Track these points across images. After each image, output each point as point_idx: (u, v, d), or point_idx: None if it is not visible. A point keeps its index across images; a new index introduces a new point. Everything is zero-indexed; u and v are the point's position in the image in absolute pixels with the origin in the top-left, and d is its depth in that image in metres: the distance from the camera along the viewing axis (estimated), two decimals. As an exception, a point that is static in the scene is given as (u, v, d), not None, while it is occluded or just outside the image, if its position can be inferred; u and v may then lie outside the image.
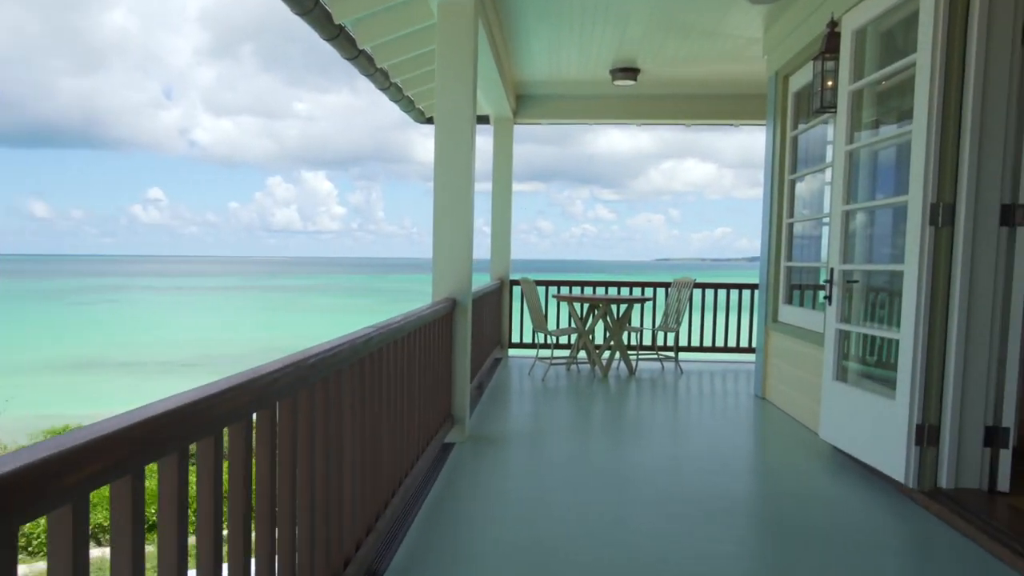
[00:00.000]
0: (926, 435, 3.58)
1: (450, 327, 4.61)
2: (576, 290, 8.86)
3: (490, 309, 7.60)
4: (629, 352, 7.88)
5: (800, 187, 5.83)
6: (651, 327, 8.19)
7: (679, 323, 7.84)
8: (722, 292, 8.81)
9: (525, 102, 8.58)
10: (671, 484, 3.87)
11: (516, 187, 9.06)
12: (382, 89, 6.82)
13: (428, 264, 4.64)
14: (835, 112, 4.44)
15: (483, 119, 8.66)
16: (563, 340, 8.32)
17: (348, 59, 5.57)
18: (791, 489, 3.92)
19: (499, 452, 4.47)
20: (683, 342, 8.71)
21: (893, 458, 3.71)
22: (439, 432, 4.27)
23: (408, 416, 3.48)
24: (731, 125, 8.85)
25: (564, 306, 8.33)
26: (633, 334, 8.16)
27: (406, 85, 7.16)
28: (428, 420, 4.00)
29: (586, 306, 7.65)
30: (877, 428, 3.89)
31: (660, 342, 8.49)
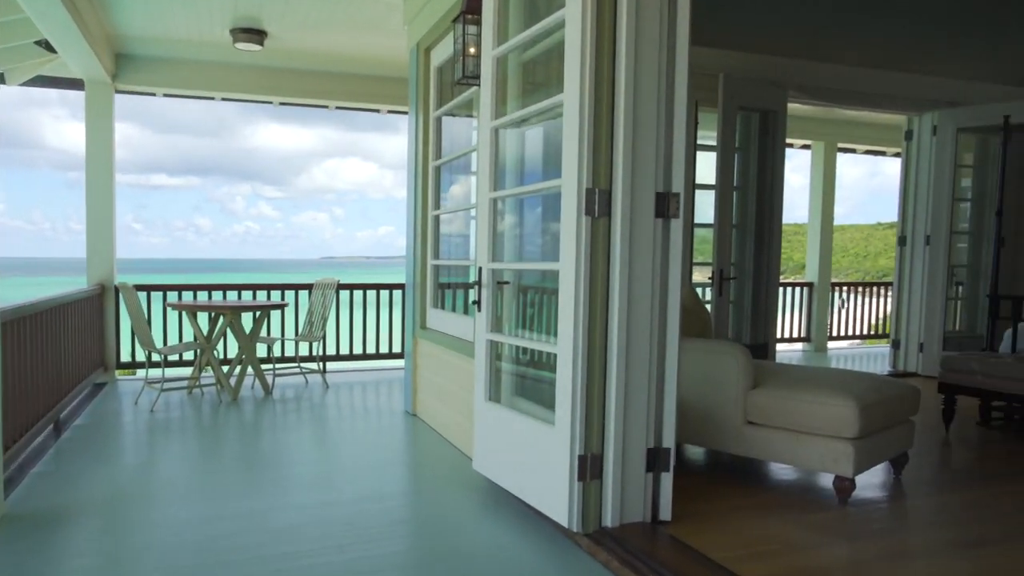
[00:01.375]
0: (589, 467, 2.99)
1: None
2: (223, 296, 7.35)
3: (80, 322, 5.83)
4: (265, 367, 6.65)
5: (447, 174, 5.14)
6: (295, 336, 7.05)
7: (324, 330, 6.81)
8: (372, 293, 7.96)
9: (127, 63, 6.84)
10: (290, 555, 2.82)
11: (169, 181, 7.33)
12: None
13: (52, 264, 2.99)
14: (479, 84, 3.74)
15: (75, 83, 6.77)
16: (188, 356, 6.81)
17: None
18: (437, 544, 3.10)
19: (54, 540, 3.01)
20: (331, 350, 7.69)
21: (555, 497, 3.08)
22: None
23: None
24: (376, 111, 8.02)
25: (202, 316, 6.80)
26: (271, 345, 6.94)
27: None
28: None
29: (214, 315, 6.25)
30: (536, 460, 3.23)
31: (305, 352, 7.37)
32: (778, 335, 9.43)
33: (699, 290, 7.20)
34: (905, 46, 6.84)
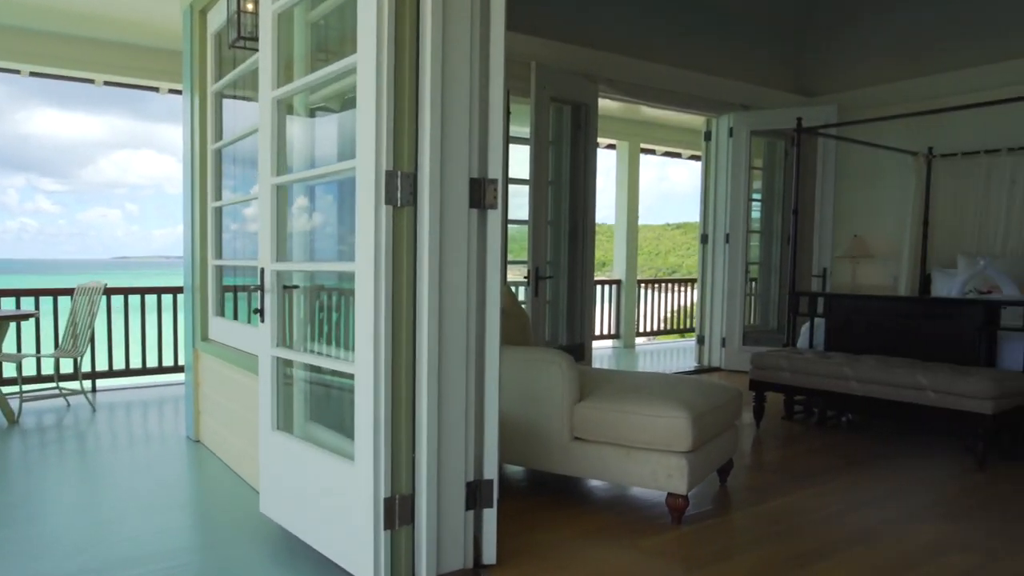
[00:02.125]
0: (397, 511, 2.41)
1: None
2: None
3: None
4: (9, 389, 5.43)
5: (229, 159, 4.33)
6: (53, 351, 5.84)
7: (89, 342, 5.68)
8: (152, 297, 6.85)
9: None
10: None
11: None
12: None
13: None
14: (258, 47, 3.03)
15: None
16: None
17: None
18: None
19: None
20: (103, 365, 6.50)
21: (357, 549, 2.47)
22: None
23: None
24: (155, 90, 6.91)
25: None
26: (19, 363, 5.70)
27: None
28: None
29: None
30: (333, 504, 2.61)
31: (67, 369, 6.14)
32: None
33: (513, 290, 6.83)
34: (706, 48, 6.88)
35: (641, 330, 10.41)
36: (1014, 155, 6.23)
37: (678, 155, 11.46)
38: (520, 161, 5.71)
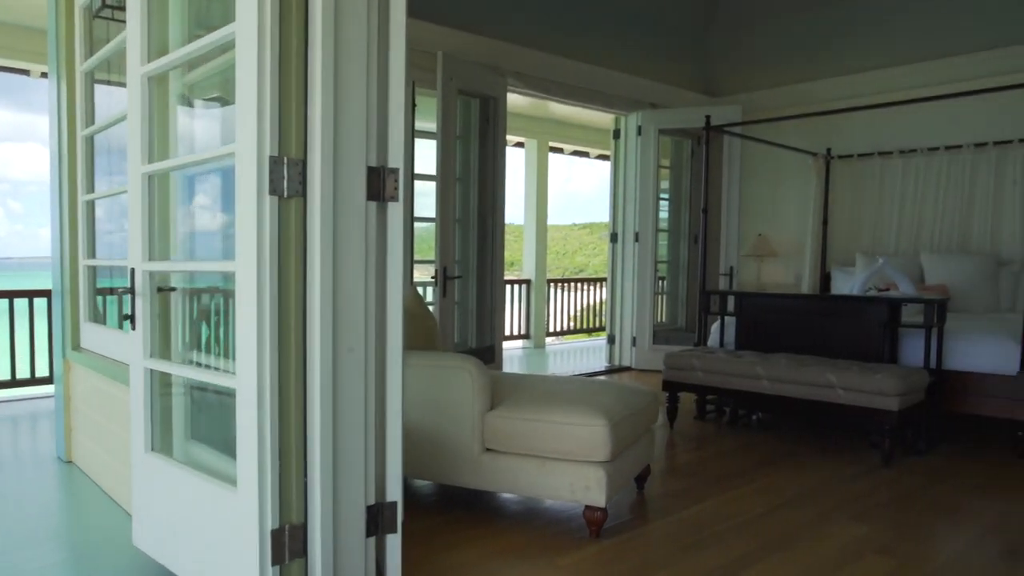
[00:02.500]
0: (288, 543, 2.11)
1: None
2: None
3: None
4: None
5: (105, 148, 3.87)
6: None
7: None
8: (21, 302, 6.19)
9: None
10: None
11: None
12: None
13: None
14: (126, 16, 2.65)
15: None
16: None
17: None
18: None
19: None
20: (-38, 379, 5.82)
21: (237, 588, 2.15)
22: None
23: None
24: (25, 73, 6.26)
25: None
26: None
27: None
28: None
29: None
30: (215, 536, 2.28)
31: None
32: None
33: (420, 290, 6.55)
34: (616, 45, 6.79)
35: (551, 330, 10.30)
36: (904, 157, 6.41)
37: (586, 154, 11.44)
38: (427, 156, 5.45)
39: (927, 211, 6.28)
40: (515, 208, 10.55)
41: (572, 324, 10.81)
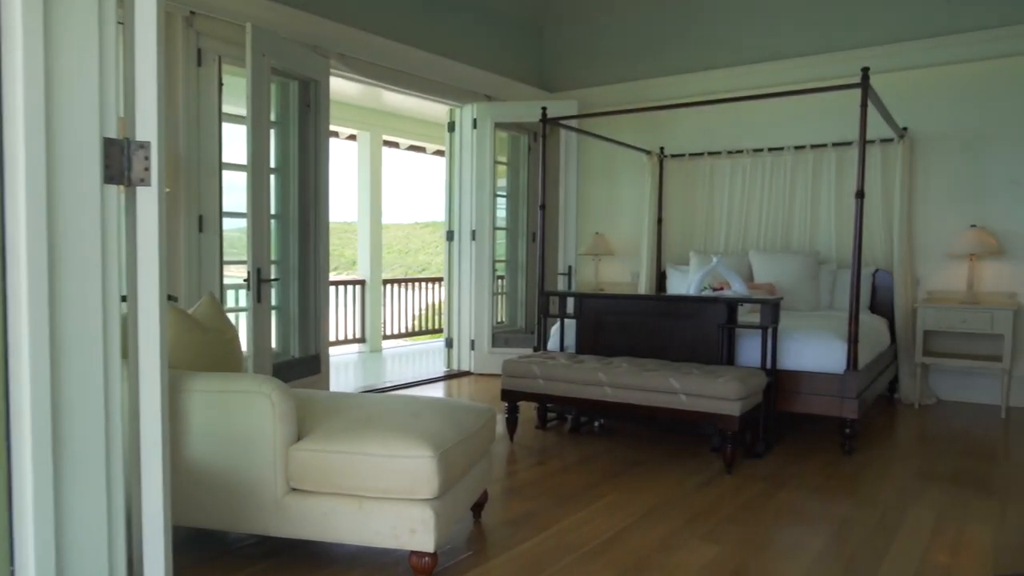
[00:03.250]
0: (-23, 665, 1.49)
1: None
2: None
3: None
4: None
5: None
6: None
7: None
8: None
9: None
10: None
11: None
12: None
13: None
14: None
15: None
16: None
17: None
18: None
19: None
20: None
21: None
22: None
23: None
24: None
25: None
26: None
27: None
28: None
29: None
30: None
31: None
32: (331, 337, 8.50)
33: (232, 294, 5.81)
34: (451, 32, 6.37)
35: (390, 332, 9.74)
36: (732, 158, 6.48)
37: (423, 149, 10.96)
38: (239, 144, 4.76)
39: (753, 211, 6.38)
40: (349, 205, 9.90)
41: (413, 325, 10.30)
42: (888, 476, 3.80)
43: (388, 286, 9.83)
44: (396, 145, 10.14)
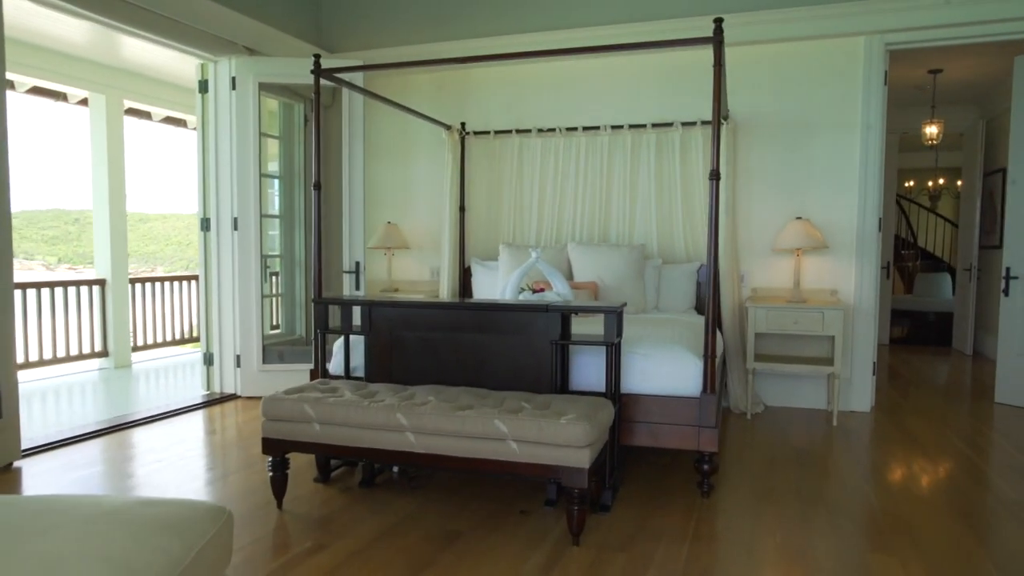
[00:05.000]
0: None
1: None
2: None
3: None
4: None
5: None
6: None
7: None
8: None
9: None
10: None
11: None
12: None
13: None
14: None
15: None
16: None
17: None
18: None
19: None
20: None
21: None
22: None
23: None
24: None
25: None
26: None
27: None
28: None
29: None
30: None
31: None
32: (50, 353, 6.49)
33: None
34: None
35: (142, 342, 7.79)
36: (543, 136, 5.55)
37: (184, 123, 8.97)
38: None
39: (568, 198, 5.49)
40: (83, 190, 7.75)
41: (175, 332, 8.35)
42: (763, 519, 3.01)
43: (138, 286, 7.85)
44: (148, 116, 8.12)
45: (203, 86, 5.37)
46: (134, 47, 6.01)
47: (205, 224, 5.46)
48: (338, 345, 3.81)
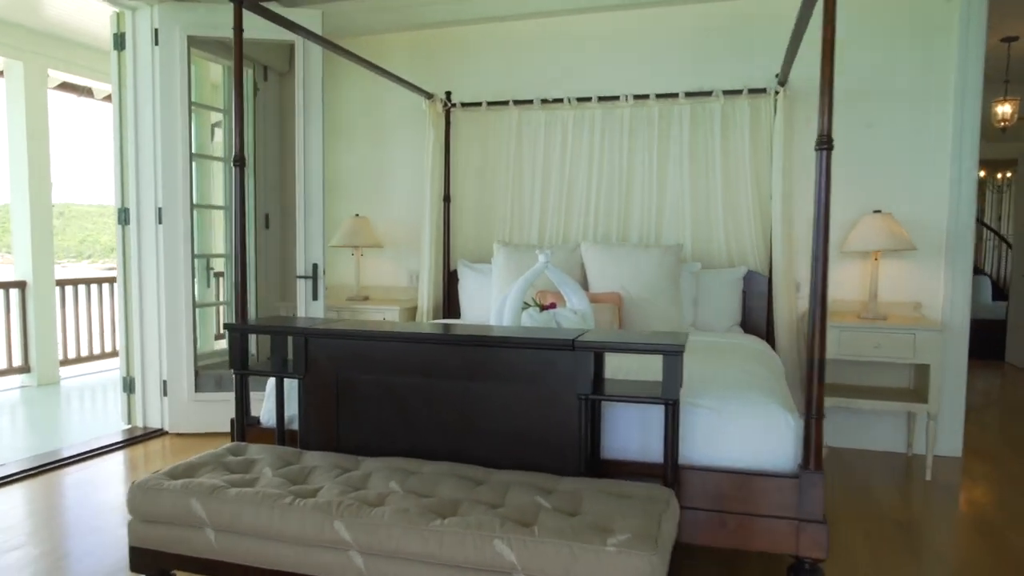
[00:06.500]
0: None
1: None
2: None
3: None
4: None
5: None
6: None
7: None
8: None
9: None
10: None
11: None
12: None
13: None
14: None
15: None
16: None
17: None
18: None
19: None
20: None
21: None
22: None
23: None
24: None
25: None
26: None
27: None
28: None
29: None
30: None
31: None
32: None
33: None
34: None
35: (70, 355, 6.62)
36: (548, 108, 4.43)
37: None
38: None
39: (579, 186, 4.38)
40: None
41: (113, 343, 7.14)
42: None
43: (66, 289, 6.67)
44: (76, 88, 6.91)
45: (118, 41, 4.20)
46: (58, 5, 4.84)
47: (123, 216, 4.30)
48: (269, 388, 2.68)
